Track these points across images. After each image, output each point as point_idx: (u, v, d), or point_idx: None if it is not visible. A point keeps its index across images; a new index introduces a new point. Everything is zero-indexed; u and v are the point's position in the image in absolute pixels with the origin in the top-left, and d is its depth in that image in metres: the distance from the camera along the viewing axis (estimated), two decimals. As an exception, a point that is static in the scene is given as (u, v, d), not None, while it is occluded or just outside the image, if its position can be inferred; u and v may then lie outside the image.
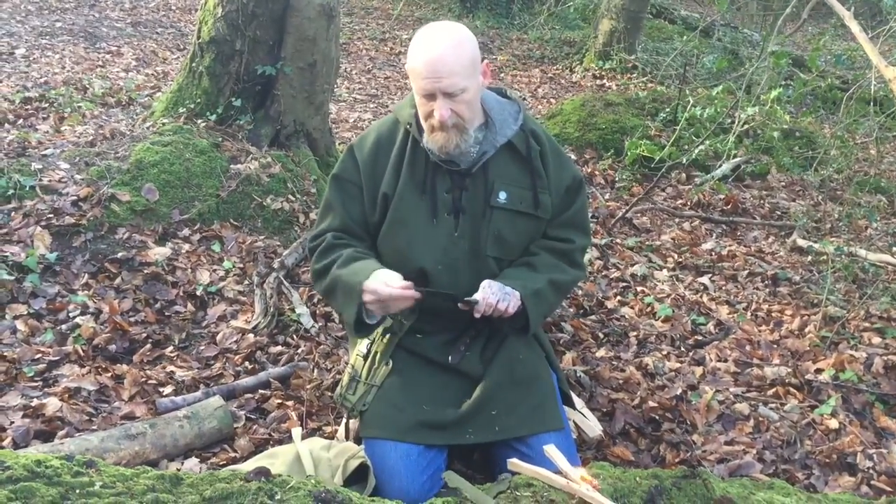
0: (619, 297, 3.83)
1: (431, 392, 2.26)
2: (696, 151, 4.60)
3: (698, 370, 3.19)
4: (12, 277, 3.12)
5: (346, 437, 2.41)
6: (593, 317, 3.61)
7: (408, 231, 2.29)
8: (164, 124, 4.24)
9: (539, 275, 2.30)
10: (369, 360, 2.37)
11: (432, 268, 2.28)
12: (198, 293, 3.37)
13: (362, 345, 2.41)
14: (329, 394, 2.81)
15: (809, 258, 4.37)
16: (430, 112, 2.16)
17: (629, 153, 5.11)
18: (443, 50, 2.09)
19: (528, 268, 2.33)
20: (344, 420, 2.45)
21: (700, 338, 3.51)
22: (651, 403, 2.92)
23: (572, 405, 2.61)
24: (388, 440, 2.17)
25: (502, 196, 2.28)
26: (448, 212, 2.29)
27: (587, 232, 2.51)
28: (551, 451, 1.80)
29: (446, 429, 2.22)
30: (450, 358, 2.33)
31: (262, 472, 1.58)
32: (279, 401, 2.80)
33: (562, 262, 2.37)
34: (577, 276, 2.45)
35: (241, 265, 3.64)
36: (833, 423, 2.82)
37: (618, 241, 4.53)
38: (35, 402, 2.56)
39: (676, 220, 5.01)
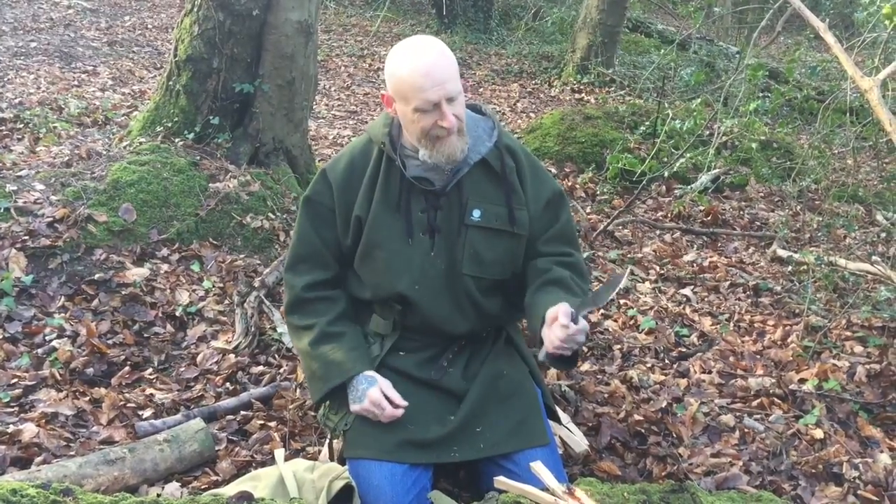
0: (602, 311, 3.83)
1: (415, 410, 2.23)
2: (678, 165, 4.63)
3: (683, 382, 3.19)
4: (-13, 301, 3.07)
5: (330, 458, 2.38)
6: (577, 330, 3.59)
7: (384, 253, 2.27)
8: (141, 143, 4.20)
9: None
10: (352, 379, 2.34)
11: (409, 289, 2.26)
12: (177, 314, 3.33)
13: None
14: (312, 413, 2.77)
15: (790, 268, 4.39)
16: (434, 123, 2.12)
17: (611, 167, 5.13)
18: (435, 58, 2.08)
19: (565, 291, 2.20)
20: (327, 440, 2.42)
21: (684, 350, 3.51)
22: (636, 417, 2.91)
23: (558, 420, 2.60)
24: (373, 460, 2.14)
25: (476, 214, 2.26)
26: (423, 231, 2.27)
27: (578, 246, 2.48)
28: (538, 467, 1.78)
29: (431, 447, 2.19)
30: (432, 373, 2.31)
31: (245, 497, 1.55)
32: (261, 422, 2.76)
33: (578, 278, 2.31)
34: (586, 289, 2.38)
35: (221, 285, 3.60)
36: (818, 433, 2.82)
37: (600, 254, 4.53)
38: (11, 429, 2.51)
39: (657, 232, 5.02)
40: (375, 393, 2.18)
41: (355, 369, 2.23)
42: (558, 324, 1.99)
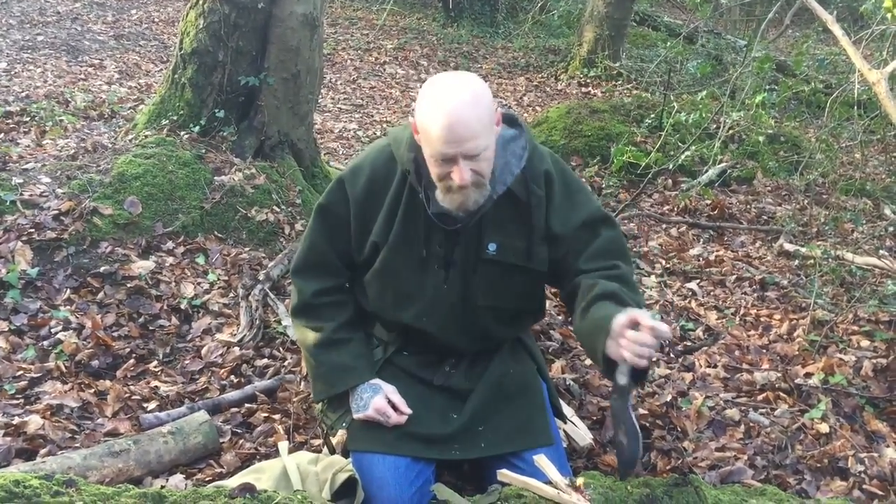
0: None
1: (419, 407, 2.23)
2: (682, 157, 4.61)
3: (688, 376, 3.18)
4: (-7, 293, 3.08)
5: (331, 452, 2.38)
6: (582, 324, 3.58)
7: (396, 282, 2.23)
8: (146, 137, 4.20)
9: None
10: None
11: (416, 319, 2.24)
12: (182, 307, 3.33)
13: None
14: (316, 406, 2.77)
15: (796, 262, 4.37)
16: (447, 174, 1.98)
17: (616, 160, 5.11)
18: (462, 111, 1.90)
19: (617, 303, 1.93)
20: (323, 433, 2.42)
21: (689, 344, 3.50)
22: (641, 410, 2.90)
23: (563, 419, 2.57)
24: (376, 453, 2.14)
25: (491, 248, 2.17)
26: (439, 265, 2.21)
27: (628, 260, 2.23)
28: (541, 461, 1.78)
29: (433, 443, 2.19)
30: (434, 379, 2.30)
31: (248, 489, 1.55)
32: (265, 414, 2.76)
33: (628, 289, 2.06)
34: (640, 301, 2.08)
35: (226, 278, 3.60)
36: (823, 428, 2.81)
37: (605, 247, 4.51)
38: (16, 420, 2.52)
39: (663, 225, 5.00)
40: (380, 402, 2.18)
41: (361, 378, 2.24)
42: (644, 325, 1.75)
